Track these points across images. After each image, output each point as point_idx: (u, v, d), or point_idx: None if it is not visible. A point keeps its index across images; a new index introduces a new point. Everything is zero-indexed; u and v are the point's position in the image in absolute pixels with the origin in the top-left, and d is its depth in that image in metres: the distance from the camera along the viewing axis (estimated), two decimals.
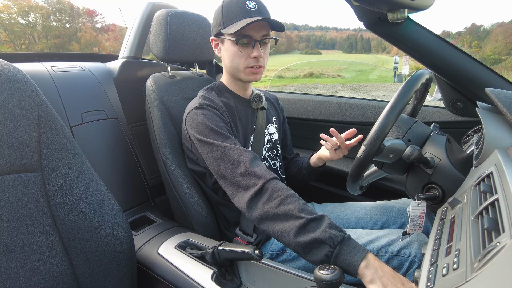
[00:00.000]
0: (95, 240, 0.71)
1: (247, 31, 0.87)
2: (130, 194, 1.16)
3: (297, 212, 0.67)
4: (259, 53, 0.89)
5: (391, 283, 0.56)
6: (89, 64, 1.27)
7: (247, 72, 0.92)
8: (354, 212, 1.02)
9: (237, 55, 0.90)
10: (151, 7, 1.35)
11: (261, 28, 0.88)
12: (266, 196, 0.71)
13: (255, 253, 0.70)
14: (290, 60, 63.33)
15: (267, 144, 1.03)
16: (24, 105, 0.66)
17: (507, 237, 0.36)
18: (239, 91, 1.01)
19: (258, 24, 0.87)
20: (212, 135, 0.83)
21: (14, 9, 50.28)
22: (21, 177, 0.65)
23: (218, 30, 0.91)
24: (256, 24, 0.86)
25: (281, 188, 0.72)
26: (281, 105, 1.20)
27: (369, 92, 10.74)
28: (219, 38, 0.94)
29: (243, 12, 0.86)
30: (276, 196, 0.70)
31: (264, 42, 0.91)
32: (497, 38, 60.51)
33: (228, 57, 0.92)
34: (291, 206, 0.68)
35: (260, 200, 0.72)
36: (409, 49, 0.98)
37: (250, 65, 0.91)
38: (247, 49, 0.89)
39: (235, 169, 0.77)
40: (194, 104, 0.91)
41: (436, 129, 0.87)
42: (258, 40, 0.88)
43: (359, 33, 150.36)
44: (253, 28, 0.87)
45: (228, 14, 0.88)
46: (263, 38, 0.89)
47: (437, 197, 0.76)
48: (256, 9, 0.87)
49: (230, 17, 0.88)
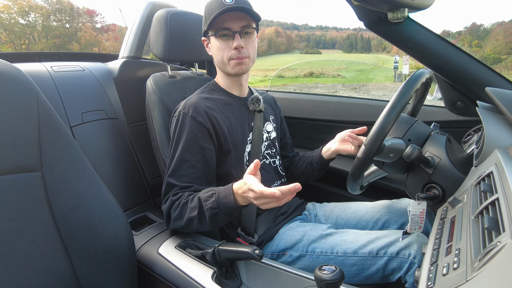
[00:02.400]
0: (96, 240, 0.71)
1: (226, 23, 0.90)
2: (130, 194, 1.16)
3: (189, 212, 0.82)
4: (239, 43, 0.91)
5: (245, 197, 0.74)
6: (89, 64, 1.27)
7: (232, 64, 0.94)
8: (355, 212, 1.02)
9: (220, 49, 0.93)
10: (151, 7, 1.35)
11: (240, 19, 0.91)
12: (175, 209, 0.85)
13: (255, 253, 0.70)
14: (290, 60, 63.23)
15: (265, 142, 1.04)
16: (24, 105, 0.66)
17: (507, 236, 0.36)
18: (233, 89, 1.02)
19: (236, 16, 0.90)
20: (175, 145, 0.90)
21: (14, 9, 50.28)
22: (21, 177, 0.65)
23: (204, 29, 0.95)
24: (234, 16, 0.89)
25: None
26: (279, 106, 1.20)
27: (369, 91, 10.74)
28: (206, 37, 0.97)
29: (220, 6, 0.89)
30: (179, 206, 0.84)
31: (246, 33, 0.93)
32: (497, 38, 60.46)
33: (214, 53, 0.96)
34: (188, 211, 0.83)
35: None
36: (409, 48, 0.98)
37: (233, 57, 0.93)
38: (228, 42, 0.92)
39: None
40: (179, 107, 0.94)
41: (436, 128, 0.87)
42: (238, 31, 0.91)
43: (359, 32, 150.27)
44: (231, 20, 0.90)
45: (208, 12, 0.92)
46: (243, 29, 0.91)
47: (437, 196, 0.76)
48: (233, 3, 0.89)
49: (210, 14, 0.91)
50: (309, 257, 0.86)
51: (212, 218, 0.79)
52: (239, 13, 0.90)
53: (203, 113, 0.91)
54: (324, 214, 1.06)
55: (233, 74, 0.97)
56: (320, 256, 0.85)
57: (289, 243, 0.89)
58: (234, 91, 1.02)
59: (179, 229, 0.88)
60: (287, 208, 1.02)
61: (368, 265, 0.81)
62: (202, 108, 0.91)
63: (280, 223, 0.96)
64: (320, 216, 1.06)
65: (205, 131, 0.90)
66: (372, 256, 0.81)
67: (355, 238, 0.85)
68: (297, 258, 0.88)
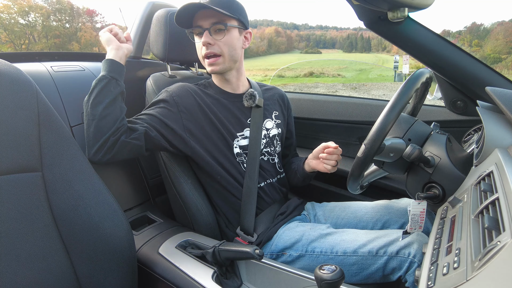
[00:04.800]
0: (96, 239, 0.71)
1: (197, 21, 0.92)
2: (130, 194, 1.16)
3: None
4: (205, 39, 0.92)
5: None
6: (89, 64, 1.27)
7: (206, 63, 0.96)
8: (355, 212, 1.02)
9: (197, 47, 0.97)
10: (151, 7, 1.35)
11: (210, 16, 0.91)
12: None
13: (256, 253, 0.70)
14: (290, 60, 63.21)
15: (263, 139, 1.03)
16: (24, 105, 0.66)
17: (507, 236, 0.36)
18: (224, 86, 1.02)
19: (206, 14, 0.91)
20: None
21: (14, 9, 50.26)
22: (21, 177, 0.65)
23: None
24: (203, 14, 0.91)
25: None
26: (289, 104, 1.17)
27: (369, 91, 10.74)
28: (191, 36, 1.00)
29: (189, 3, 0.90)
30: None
31: (218, 29, 0.93)
32: (497, 37, 60.40)
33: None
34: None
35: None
36: (409, 48, 0.98)
37: (203, 53, 0.94)
38: (199, 39, 0.94)
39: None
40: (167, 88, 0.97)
41: (436, 128, 0.87)
42: (207, 28, 0.91)
43: (359, 32, 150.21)
44: (201, 18, 0.92)
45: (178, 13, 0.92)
46: (212, 25, 0.92)
47: (438, 196, 0.76)
48: (201, 0, 0.90)
49: (179, 14, 0.92)
50: (309, 257, 0.86)
51: (97, 84, 0.85)
52: (208, 11, 0.90)
53: (184, 95, 0.94)
54: (324, 214, 1.06)
55: (210, 71, 0.98)
56: (320, 255, 0.85)
57: (288, 243, 0.90)
58: (227, 88, 1.03)
59: (89, 134, 0.84)
60: (286, 208, 1.02)
61: (368, 265, 0.81)
62: (186, 90, 0.95)
63: (278, 223, 0.96)
64: (320, 216, 1.06)
65: (175, 111, 0.92)
66: (372, 256, 0.81)
67: (354, 237, 0.85)
68: (296, 258, 0.88)
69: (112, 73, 0.87)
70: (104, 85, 0.85)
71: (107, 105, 0.84)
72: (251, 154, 0.97)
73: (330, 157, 0.95)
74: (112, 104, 0.85)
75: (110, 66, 0.88)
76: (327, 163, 0.96)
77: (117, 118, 0.85)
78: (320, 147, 0.98)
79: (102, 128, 0.82)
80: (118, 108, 0.86)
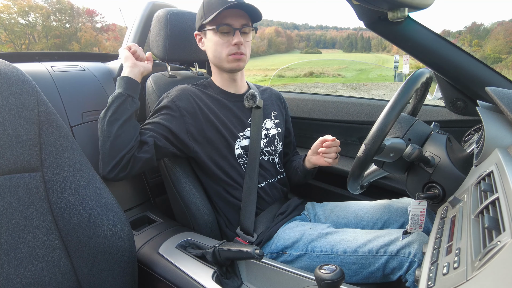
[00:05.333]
0: (96, 239, 0.71)
1: (227, 19, 0.91)
2: (130, 194, 1.16)
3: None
4: (239, 39, 0.92)
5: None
6: (89, 64, 1.27)
7: (230, 60, 0.95)
8: (355, 212, 1.02)
9: (219, 44, 0.94)
10: (151, 7, 1.35)
11: (240, 17, 0.92)
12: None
13: (256, 253, 0.70)
14: (290, 60, 63.22)
15: (263, 139, 1.03)
16: (25, 105, 0.66)
17: (507, 236, 0.36)
18: (228, 86, 1.02)
19: (237, 14, 0.91)
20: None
21: (14, 9, 50.26)
22: (21, 177, 0.65)
23: (200, 23, 0.96)
24: (235, 14, 0.91)
25: None
26: (285, 103, 1.19)
27: (369, 91, 10.74)
28: (202, 31, 0.98)
29: (222, 3, 0.90)
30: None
31: (244, 32, 0.94)
32: (497, 37, 60.38)
33: (211, 47, 0.96)
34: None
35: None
36: (409, 48, 0.98)
37: (231, 52, 0.94)
38: (228, 37, 0.93)
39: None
40: (168, 92, 0.97)
41: (436, 128, 0.87)
42: (238, 28, 0.92)
43: (359, 32, 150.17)
44: (232, 17, 0.91)
45: (208, 7, 0.92)
46: (242, 27, 0.93)
47: (438, 196, 0.76)
48: (234, 1, 0.90)
49: (210, 9, 0.91)
50: (309, 256, 0.86)
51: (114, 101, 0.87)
52: (240, 11, 0.91)
53: (184, 98, 0.94)
54: (324, 213, 1.06)
55: (229, 70, 0.97)
56: (320, 255, 0.85)
57: (289, 242, 0.90)
58: (230, 88, 1.02)
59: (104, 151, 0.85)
60: (286, 207, 1.02)
61: (368, 264, 0.81)
62: (186, 93, 0.94)
63: (278, 222, 0.96)
64: (320, 215, 1.06)
65: (178, 115, 0.92)
66: (372, 255, 0.81)
67: (355, 237, 0.85)
68: (297, 257, 0.88)
69: (128, 90, 0.89)
70: (120, 103, 0.87)
71: (123, 123, 0.85)
72: (251, 155, 0.98)
73: (329, 150, 0.96)
74: (127, 121, 0.86)
75: (126, 83, 0.90)
76: (327, 156, 0.97)
77: (132, 137, 0.86)
78: (317, 141, 0.99)
79: (118, 146, 0.84)
80: (133, 125, 0.88)
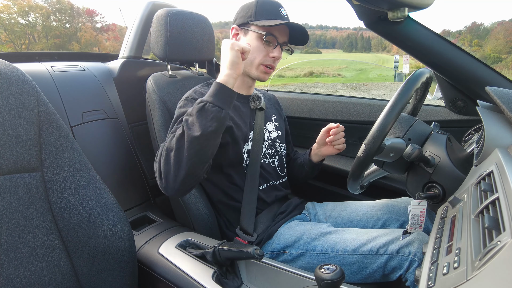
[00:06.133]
0: (96, 239, 0.71)
1: (275, 31, 0.92)
2: (130, 194, 1.16)
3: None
4: (279, 54, 0.95)
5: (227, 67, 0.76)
6: (89, 64, 1.27)
7: (260, 69, 0.96)
8: (355, 211, 1.02)
9: (258, 50, 0.94)
10: (151, 7, 1.35)
11: (286, 35, 0.95)
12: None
13: (256, 253, 0.70)
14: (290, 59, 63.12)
15: (266, 141, 1.04)
16: (25, 105, 0.66)
17: (507, 235, 0.36)
18: (241, 88, 1.02)
19: (285, 31, 0.94)
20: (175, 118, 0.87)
21: (14, 9, 50.23)
22: (21, 177, 0.65)
23: (246, 21, 0.95)
24: (283, 30, 0.94)
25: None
26: (281, 104, 1.21)
27: (369, 91, 10.74)
28: (243, 29, 0.97)
29: (276, 14, 0.93)
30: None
31: (284, 49, 0.97)
32: (497, 37, 60.32)
33: None
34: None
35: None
36: (409, 48, 0.98)
37: (266, 63, 0.95)
38: (269, 48, 0.94)
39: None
40: (185, 95, 0.94)
41: (436, 128, 0.87)
42: (281, 43, 0.94)
43: (359, 32, 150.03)
44: (280, 32, 0.93)
45: (262, 10, 0.93)
46: (284, 44, 0.96)
47: (438, 196, 0.76)
48: (286, 17, 0.95)
49: (263, 13, 0.92)
50: (309, 256, 0.86)
51: (199, 113, 0.71)
52: (286, 30, 0.95)
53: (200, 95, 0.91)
54: (324, 213, 1.06)
55: (254, 77, 0.98)
56: (320, 254, 0.85)
57: (289, 241, 0.90)
58: (242, 90, 1.02)
59: (169, 174, 0.74)
60: (286, 207, 1.02)
61: (369, 263, 0.81)
62: (200, 93, 0.92)
63: (279, 222, 0.96)
64: (320, 215, 1.06)
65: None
66: (373, 254, 0.81)
67: (355, 236, 0.85)
68: (297, 257, 0.88)
69: (218, 100, 0.74)
70: (207, 116, 0.72)
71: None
72: (253, 157, 0.98)
73: (337, 136, 0.97)
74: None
75: (219, 92, 0.74)
76: (337, 143, 0.99)
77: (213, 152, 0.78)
78: (322, 132, 1.01)
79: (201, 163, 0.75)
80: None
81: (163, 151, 0.76)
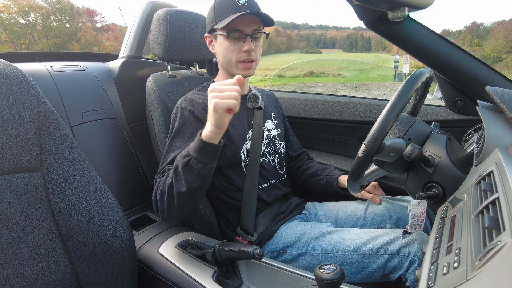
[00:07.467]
0: (96, 239, 0.71)
1: (238, 25, 0.90)
2: (130, 194, 1.16)
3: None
4: (250, 46, 0.91)
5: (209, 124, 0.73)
6: (89, 64, 1.27)
7: (239, 67, 0.94)
8: (354, 210, 1.03)
9: (229, 50, 0.93)
10: (151, 7, 1.35)
11: (252, 22, 0.91)
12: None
13: (256, 253, 0.70)
14: (290, 59, 63.16)
15: (265, 140, 1.03)
16: (25, 105, 0.66)
17: (507, 235, 0.36)
18: None
19: (249, 19, 0.90)
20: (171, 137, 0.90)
21: (14, 9, 50.23)
22: (21, 177, 0.65)
23: (211, 27, 0.94)
24: (246, 19, 0.89)
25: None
26: (279, 101, 1.20)
27: (369, 91, 10.74)
28: (212, 34, 0.97)
29: (234, 7, 0.89)
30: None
31: (255, 37, 0.93)
32: (497, 37, 60.33)
33: (221, 52, 0.95)
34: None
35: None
36: (409, 47, 0.98)
37: (241, 59, 0.93)
38: (239, 43, 0.92)
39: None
40: (178, 102, 0.95)
41: (436, 127, 0.87)
42: (249, 34, 0.91)
43: (359, 32, 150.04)
44: (243, 23, 0.90)
45: (219, 10, 0.91)
46: (254, 32, 0.92)
47: (438, 196, 0.76)
48: (246, 5, 0.90)
49: (221, 13, 0.90)
50: (310, 255, 0.86)
51: (184, 168, 0.74)
52: (252, 16, 0.90)
53: (198, 106, 0.92)
54: (324, 213, 1.06)
55: (245, 76, 0.97)
56: (320, 254, 0.85)
57: (289, 241, 0.90)
58: None
59: (164, 213, 0.80)
60: (286, 207, 1.02)
61: (369, 263, 0.81)
62: (198, 101, 0.93)
63: (279, 221, 0.96)
64: (320, 215, 1.06)
65: (197, 120, 0.90)
66: (373, 254, 0.81)
67: (355, 236, 0.85)
68: (297, 256, 0.88)
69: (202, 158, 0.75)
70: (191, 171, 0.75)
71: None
72: (252, 156, 0.97)
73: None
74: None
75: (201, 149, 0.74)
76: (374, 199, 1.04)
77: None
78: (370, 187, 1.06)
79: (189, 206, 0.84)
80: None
81: (158, 190, 0.81)
